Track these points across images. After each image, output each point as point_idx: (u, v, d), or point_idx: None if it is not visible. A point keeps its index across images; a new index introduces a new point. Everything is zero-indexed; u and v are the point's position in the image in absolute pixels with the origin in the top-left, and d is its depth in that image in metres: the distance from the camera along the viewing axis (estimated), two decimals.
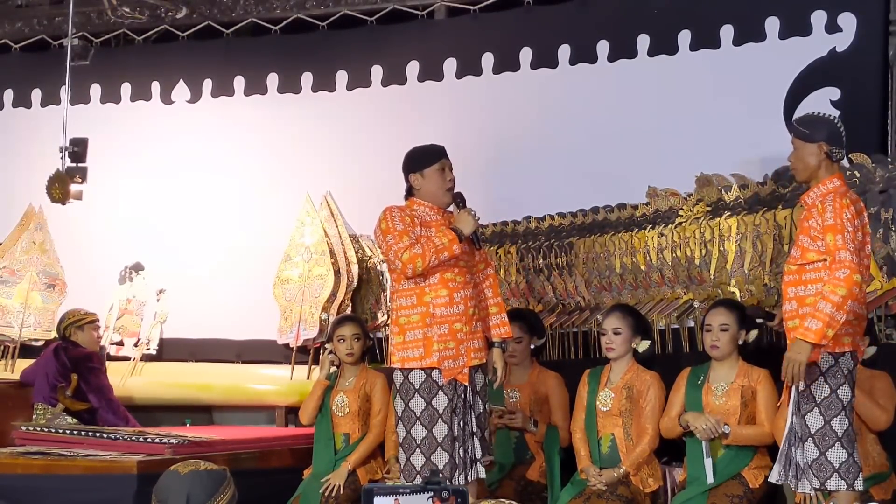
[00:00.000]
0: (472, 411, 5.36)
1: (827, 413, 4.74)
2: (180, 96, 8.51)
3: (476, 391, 5.38)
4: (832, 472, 4.72)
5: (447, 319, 5.29)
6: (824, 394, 4.75)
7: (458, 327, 5.31)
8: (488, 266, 5.56)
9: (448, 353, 5.28)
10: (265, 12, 8.37)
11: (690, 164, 6.63)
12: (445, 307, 5.30)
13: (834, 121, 4.96)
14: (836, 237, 4.69)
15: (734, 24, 6.87)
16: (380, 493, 3.65)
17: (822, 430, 4.74)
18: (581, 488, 5.61)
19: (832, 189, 4.84)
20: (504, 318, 5.51)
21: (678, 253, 6.53)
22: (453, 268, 5.32)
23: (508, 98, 7.55)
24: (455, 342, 5.29)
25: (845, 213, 4.73)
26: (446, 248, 5.24)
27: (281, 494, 6.12)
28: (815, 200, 4.85)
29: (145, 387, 7.81)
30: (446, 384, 5.25)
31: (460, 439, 5.29)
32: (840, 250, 4.67)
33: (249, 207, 8.13)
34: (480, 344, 5.39)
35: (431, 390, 5.26)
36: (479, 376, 5.40)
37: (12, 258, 8.50)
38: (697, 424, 5.43)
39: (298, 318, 7.64)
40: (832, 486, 4.73)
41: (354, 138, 7.86)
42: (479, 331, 5.39)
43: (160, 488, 3.81)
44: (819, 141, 4.87)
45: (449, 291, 5.31)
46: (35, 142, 8.59)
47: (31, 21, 9.02)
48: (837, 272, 4.64)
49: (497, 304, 5.52)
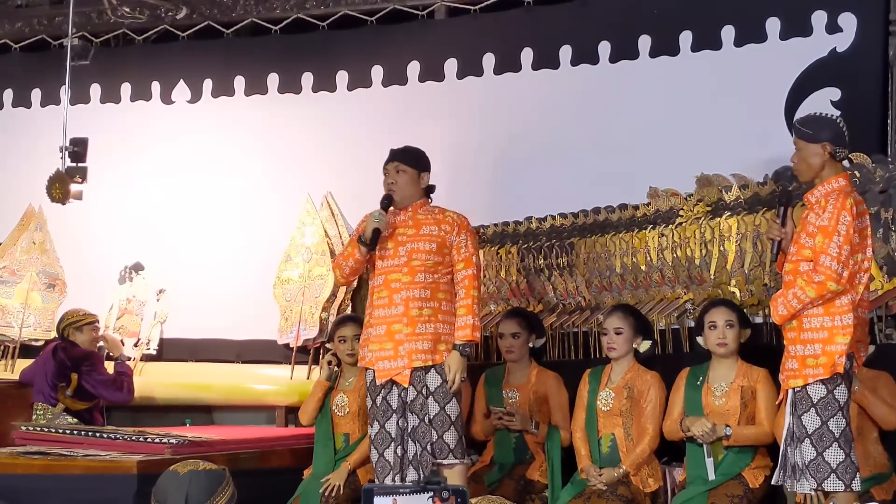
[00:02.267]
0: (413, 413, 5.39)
1: (824, 413, 4.75)
2: (180, 96, 8.50)
3: (430, 392, 5.40)
4: (829, 473, 4.72)
5: (385, 320, 5.45)
6: (821, 394, 4.76)
7: (398, 328, 5.41)
8: (467, 267, 5.58)
9: (383, 354, 5.41)
10: (265, 12, 8.36)
11: (691, 165, 6.63)
12: (384, 308, 5.46)
13: (837, 121, 4.97)
14: (824, 240, 4.76)
15: (735, 25, 6.87)
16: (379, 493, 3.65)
17: (818, 430, 4.75)
18: (581, 488, 5.61)
19: (837, 188, 4.86)
20: (467, 321, 5.49)
21: (678, 253, 6.53)
22: (401, 268, 5.46)
23: (510, 99, 7.55)
24: (393, 343, 5.40)
25: (843, 216, 4.76)
26: (350, 254, 5.56)
27: (281, 494, 6.12)
28: (818, 199, 4.88)
29: (145, 387, 7.79)
30: (381, 384, 5.41)
31: (397, 440, 5.34)
32: (823, 254, 4.75)
33: (250, 207, 8.12)
34: (429, 345, 5.42)
35: (371, 389, 5.50)
36: (431, 377, 5.42)
37: (12, 258, 8.49)
38: (695, 430, 5.43)
39: (299, 318, 7.64)
40: (829, 487, 4.74)
41: (355, 138, 7.85)
42: (428, 332, 5.43)
43: (159, 488, 3.81)
44: (823, 141, 4.89)
45: (390, 293, 5.45)
46: (35, 142, 8.59)
47: (31, 21, 9.01)
48: (815, 275, 4.74)
49: (464, 305, 5.52)
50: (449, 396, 5.46)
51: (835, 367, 4.75)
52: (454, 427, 5.46)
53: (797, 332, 4.86)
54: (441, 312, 5.48)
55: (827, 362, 4.75)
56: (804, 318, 4.83)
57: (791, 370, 4.87)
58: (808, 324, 4.83)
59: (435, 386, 5.42)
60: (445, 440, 5.41)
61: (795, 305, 4.79)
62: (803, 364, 4.81)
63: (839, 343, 4.76)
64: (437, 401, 5.41)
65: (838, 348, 4.75)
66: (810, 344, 4.81)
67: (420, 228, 5.58)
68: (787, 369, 4.90)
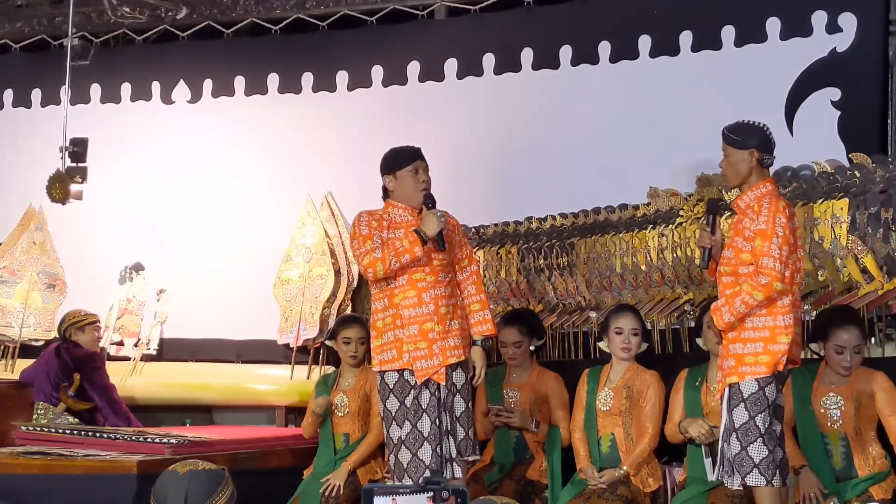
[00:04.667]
0: (447, 411, 5.38)
1: (752, 409, 4.84)
2: (181, 96, 8.51)
3: (458, 390, 5.40)
4: (752, 468, 4.82)
5: (417, 320, 5.37)
6: (752, 390, 4.84)
7: (430, 327, 5.37)
8: (472, 263, 5.59)
9: (419, 354, 5.36)
10: (265, 12, 8.37)
11: (691, 165, 6.63)
12: (414, 308, 5.38)
13: (764, 128, 5.07)
14: (763, 243, 4.86)
15: (735, 26, 6.88)
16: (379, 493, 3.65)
17: (745, 425, 4.84)
18: (581, 488, 5.61)
19: (766, 192, 4.99)
20: (486, 315, 5.52)
21: (678, 253, 6.54)
22: (423, 268, 5.40)
23: (510, 99, 7.55)
24: (427, 342, 5.36)
25: (779, 218, 4.87)
26: (407, 250, 5.31)
27: (281, 494, 6.11)
28: (749, 204, 5.00)
29: (145, 387, 7.81)
30: (420, 383, 5.34)
31: (432, 439, 5.34)
32: (764, 256, 4.84)
33: (250, 207, 8.13)
34: (458, 342, 5.42)
35: (404, 390, 5.37)
36: (458, 374, 5.42)
37: (12, 258, 8.50)
38: (692, 432, 5.44)
39: (299, 318, 7.64)
40: (751, 482, 4.83)
41: (355, 138, 7.86)
42: (455, 329, 5.42)
43: (159, 488, 3.81)
44: (750, 147, 5.01)
45: (417, 292, 5.38)
46: (35, 142, 8.60)
47: (31, 21, 9.03)
48: (760, 277, 4.81)
49: (480, 300, 5.54)
50: (471, 393, 5.50)
51: (776, 366, 4.85)
52: (474, 424, 5.53)
53: (737, 331, 4.93)
54: (459, 308, 5.50)
55: (769, 361, 4.84)
56: (746, 319, 4.90)
57: (728, 368, 4.93)
58: (750, 323, 4.90)
59: (461, 383, 5.44)
60: (470, 436, 5.45)
61: (743, 310, 4.87)
62: (741, 362, 4.88)
63: (781, 343, 4.85)
64: (463, 397, 5.43)
65: (781, 347, 4.84)
66: (750, 343, 4.88)
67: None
68: (724, 368, 4.97)
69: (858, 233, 5.91)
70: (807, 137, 6.48)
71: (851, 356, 5.28)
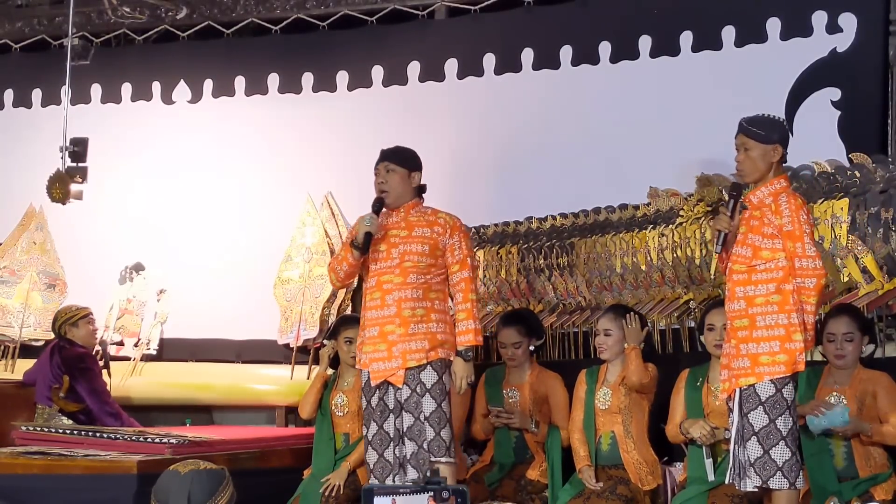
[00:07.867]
0: (408, 412, 5.41)
1: (772, 412, 4.74)
2: (181, 96, 8.51)
3: (427, 389, 5.40)
4: (776, 471, 4.73)
5: (377, 322, 5.45)
6: (769, 393, 4.75)
7: (391, 329, 5.42)
8: (463, 269, 5.56)
9: (377, 356, 5.42)
10: (265, 12, 8.37)
11: (691, 165, 6.63)
12: (376, 310, 5.47)
13: (785, 123, 5.00)
14: (795, 244, 4.76)
15: (735, 26, 6.88)
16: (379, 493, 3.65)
17: (766, 428, 4.74)
18: (581, 488, 5.61)
19: (782, 189, 4.87)
20: (468, 325, 5.50)
21: (679, 253, 6.53)
22: (393, 269, 5.45)
23: (510, 99, 7.55)
24: (386, 344, 5.40)
25: (802, 214, 4.78)
26: (344, 258, 5.54)
27: (281, 494, 6.11)
28: (762, 199, 4.87)
29: (145, 387, 7.81)
30: (376, 385, 5.42)
31: (395, 440, 5.35)
32: (801, 258, 4.75)
33: (250, 207, 8.13)
34: (424, 345, 5.42)
35: (366, 391, 5.50)
36: (427, 374, 5.42)
37: (12, 258, 8.50)
38: (694, 433, 5.42)
39: (299, 318, 7.65)
40: (774, 485, 4.75)
41: (355, 139, 7.85)
42: (421, 332, 5.42)
43: (159, 488, 3.81)
44: (775, 143, 4.89)
45: (381, 294, 5.46)
46: (35, 142, 8.59)
47: (31, 21, 9.02)
48: (807, 280, 4.73)
49: (465, 310, 5.52)
50: (444, 394, 5.47)
51: (796, 366, 4.74)
52: (450, 424, 5.48)
53: (749, 330, 4.81)
54: (434, 311, 5.48)
55: (787, 360, 4.73)
56: (757, 317, 4.79)
57: (741, 368, 4.81)
58: (762, 321, 4.78)
59: (431, 383, 5.43)
60: (442, 437, 5.42)
61: (813, 321, 4.80)
62: (756, 362, 4.77)
63: (797, 341, 4.74)
64: (434, 398, 5.42)
65: (798, 346, 4.73)
66: (765, 342, 4.76)
67: (412, 231, 5.56)
68: (733, 368, 4.85)
69: (858, 233, 5.90)
70: (807, 137, 6.47)
71: (842, 343, 5.22)
